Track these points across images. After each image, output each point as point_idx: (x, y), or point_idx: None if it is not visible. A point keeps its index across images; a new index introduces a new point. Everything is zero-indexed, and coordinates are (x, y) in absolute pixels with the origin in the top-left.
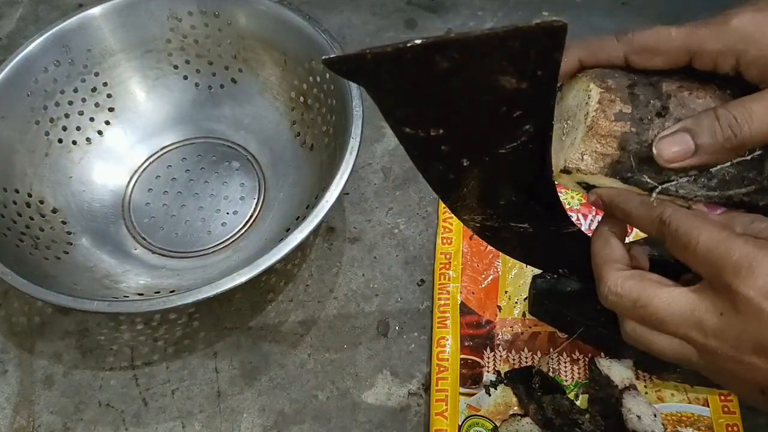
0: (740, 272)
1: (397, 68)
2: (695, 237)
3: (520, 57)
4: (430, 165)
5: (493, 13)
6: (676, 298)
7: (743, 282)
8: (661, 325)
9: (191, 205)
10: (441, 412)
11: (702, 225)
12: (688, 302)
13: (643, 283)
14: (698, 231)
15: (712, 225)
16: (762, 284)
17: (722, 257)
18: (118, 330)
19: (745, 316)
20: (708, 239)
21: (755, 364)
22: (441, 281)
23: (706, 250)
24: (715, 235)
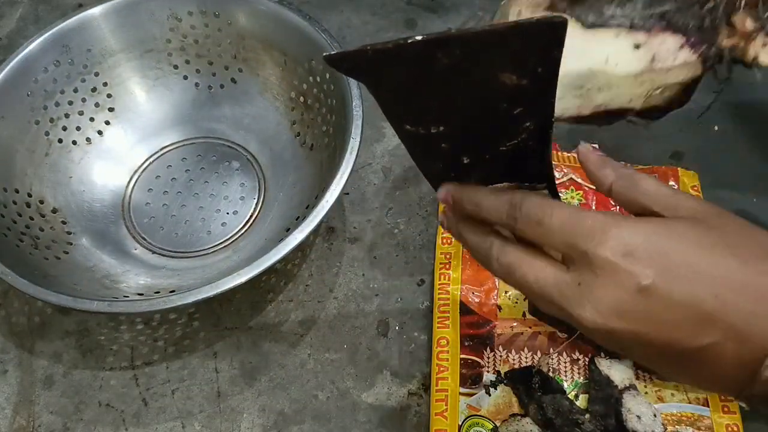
0: (594, 237)
1: (398, 64)
2: (548, 213)
3: (520, 53)
4: (430, 163)
5: (493, 13)
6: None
7: (597, 245)
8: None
9: (191, 205)
10: (441, 412)
11: (553, 204)
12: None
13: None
14: (550, 209)
15: (563, 204)
16: (613, 244)
17: (576, 227)
18: (118, 330)
19: (601, 278)
20: (561, 214)
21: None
22: (441, 281)
23: (560, 223)
24: (567, 209)
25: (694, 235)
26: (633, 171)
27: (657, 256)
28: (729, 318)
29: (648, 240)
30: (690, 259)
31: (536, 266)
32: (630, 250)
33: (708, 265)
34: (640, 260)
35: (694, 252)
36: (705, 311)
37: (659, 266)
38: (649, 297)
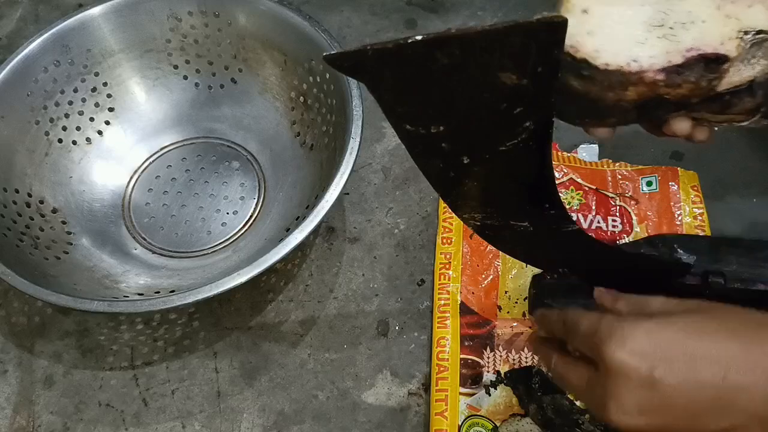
0: (604, 340)
1: (398, 64)
2: (578, 324)
3: (520, 53)
4: (430, 162)
5: (493, 13)
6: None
7: (609, 346)
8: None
9: (191, 205)
10: (441, 412)
11: (583, 313)
12: (584, 380)
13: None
14: (579, 318)
15: (593, 314)
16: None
17: (594, 332)
18: (118, 330)
19: (618, 377)
20: (585, 323)
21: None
22: (441, 281)
23: (584, 332)
24: (592, 317)
25: (694, 325)
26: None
27: (664, 350)
28: (741, 400)
29: (653, 337)
30: (692, 348)
31: (577, 373)
32: (639, 349)
33: (711, 350)
34: (649, 357)
35: (696, 340)
36: (716, 395)
37: (663, 358)
38: (662, 389)
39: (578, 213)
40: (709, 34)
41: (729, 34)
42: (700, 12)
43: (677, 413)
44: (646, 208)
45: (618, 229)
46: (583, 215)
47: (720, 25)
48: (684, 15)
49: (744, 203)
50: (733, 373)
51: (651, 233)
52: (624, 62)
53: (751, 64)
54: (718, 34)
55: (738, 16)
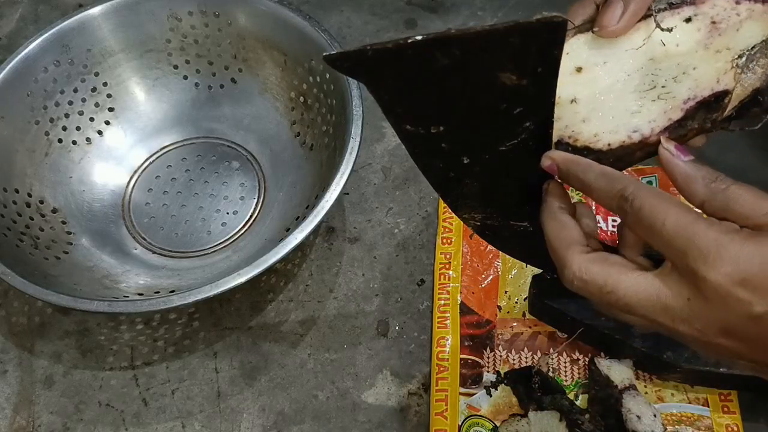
0: (707, 258)
1: (398, 64)
2: (660, 219)
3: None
4: (430, 163)
5: (493, 13)
6: (642, 284)
7: (710, 268)
8: (630, 311)
9: (191, 205)
10: (441, 412)
11: (667, 206)
12: (654, 288)
13: (609, 268)
14: (664, 213)
15: (678, 207)
16: (728, 270)
17: (689, 242)
18: (118, 330)
19: (712, 302)
20: (674, 223)
21: (723, 344)
22: (441, 281)
23: (672, 233)
24: (682, 218)
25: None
26: (727, 186)
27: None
28: None
29: (764, 268)
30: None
31: (635, 278)
32: (744, 278)
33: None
34: (755, 289)
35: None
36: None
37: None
38: (761, 325)
39: None
40: (704, 78)
41: (723, 68)
42: (689, 60)
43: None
44: None
45: None
46: None
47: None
48: (674, 69)
49: None
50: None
51: None
52: (625, 136)
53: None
54: (712, 73)
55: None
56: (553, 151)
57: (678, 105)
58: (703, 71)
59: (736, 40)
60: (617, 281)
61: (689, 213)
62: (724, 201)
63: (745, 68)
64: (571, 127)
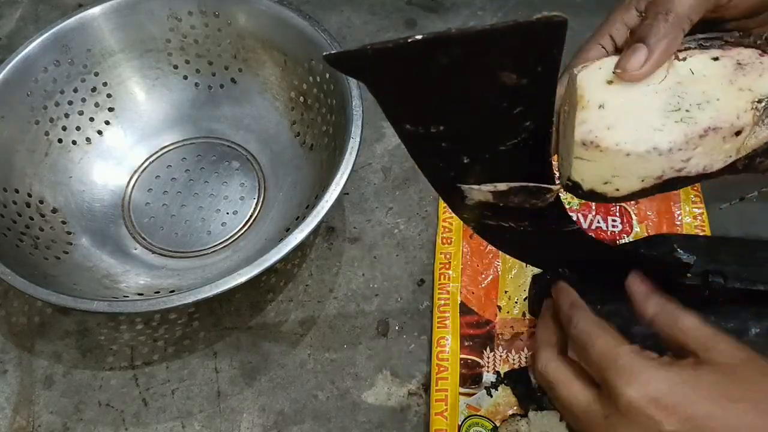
0: (625, 377)
1: (398, 64)
2: (591, 341)
3: (520, 52)
4: (430, 162)
5: (493, 13)
6: (577, 396)
7: (627, 386)
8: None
9: (191, 205)
10: (441, 412)
11: (600, 332)
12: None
13: (558, 373)
14: (595, 337)
15: (609, 334)
16: (642, 390)
17: (611, 362)
18: (118, 330)
19: (626, 417)
20: (602, 345)
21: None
22: (441, 281)
23: (598, 353)
24: (610, 342)
25: (721, 388)
26: (675, 307)
27: (681, 406)
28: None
29: (674, 389)
30: (713, 413)
31: (573, 388)
32: (656, 397)
33: (730, 419)
34: (664, 408)
35: (719, 405)
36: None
37: (682, 416)
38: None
39: (578, 213)
40: (725, 111)
41: (744, 107)
42: (713, 91)
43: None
44: (646, 208)
45: (618, 229)
46: (583, 215)
47: (734, 100)
48: (699, 95)
49: (744, 203)
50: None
51: (651, 233)
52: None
53: (766, 124)
54: (733, 108)
55: (750, 87)
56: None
57: (698, 131)
58: (725, 104)
59: (757, 83)
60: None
61: (617, 339)
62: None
63: (764, 116)
64: (595, 132)
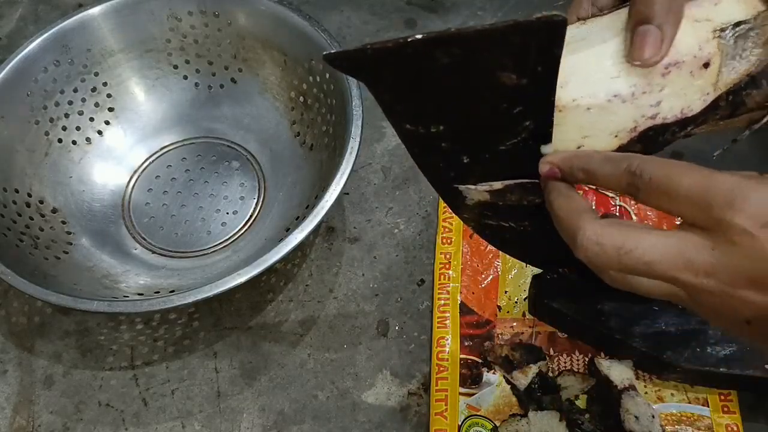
0: (733, 204)
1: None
2: (676, 181)
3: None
4: (430, 162)
5: (493, 13)
6: (662, 240)
7: (737, 213)
8: (649, 270)
9: (191, 205)
10: (441, 412)
11: (680, 168)
12: (675, 243)
13: (626, 228)
14: (678, 174)
15: (689, 166)
16: (755, 213)
17: (710, 193)
18: (118, 330)
19: (740, 247)
20: (692, 180)
21: (747, 297)
22: (441, 281)
23: (691, 190)
24: (697, 174)
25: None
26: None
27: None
28: None
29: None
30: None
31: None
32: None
33: None
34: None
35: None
36: None
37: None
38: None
39: None
40: (683, 44)
41: (705, 37)
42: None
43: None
44: (646, 208)
45: None
46: None
47: (690, 31)
48: None
49: None
50: None
51: None
52: (604, 100)
53: (744, 57)
54: (692, 40)
55: (708, 17)
56: (548, 155)
57: (659, 69)
58: (681, 37)
59: (715, 12)
60: (637, 239)
61: (703, 169)
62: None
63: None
64: None
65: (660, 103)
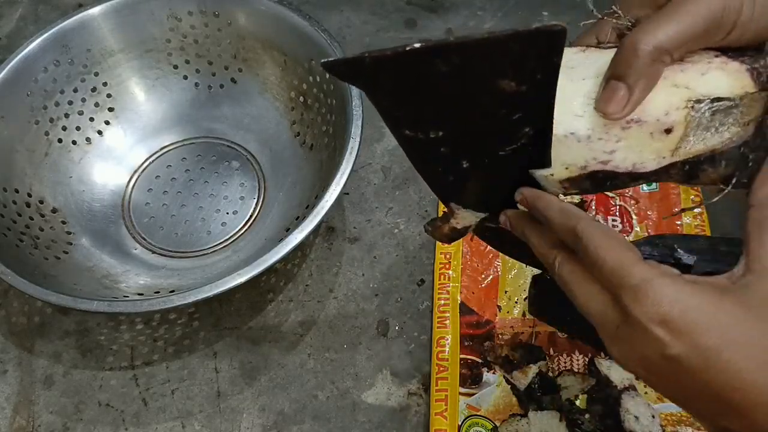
0: (637, 296)
1: (396, 72)
2: (602, 256)
3: (519, 61)
4: (429, 167)
5: (493, 13)
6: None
7: (638, 305)
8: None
9: (191, 205)
10: (441, 412)
11: (611, 245)
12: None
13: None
14: (607, 250)
15: (621, 247)
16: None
17: (624, 279)
18: (118, 330)
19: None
20: (615, 260)
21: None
22: (441, 281)
23: (612, 270)
24: (622, 256)
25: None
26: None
27: (690, 333)
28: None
29: (686, 313)
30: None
31: (586, 291)
32: (665, 319)
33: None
34: (672, 331)
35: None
36: (725, 400)
37: (690, 343)
38: (674, 366)
39: None
40: (652, 104)
41: (676, 104)
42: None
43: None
44: (646, 208)
45: (618, 229)
46: None
47: (665, 95)
48: None
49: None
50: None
51: (651, 233)
52: (561, 135)
53: (718, 132)
54: (663, 103)
55: (688, 85)
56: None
57: (620, 122)
58: (653, 97)
59: (698, 82)
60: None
61: (630, 252)
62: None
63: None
64: None
65: (614, 152)
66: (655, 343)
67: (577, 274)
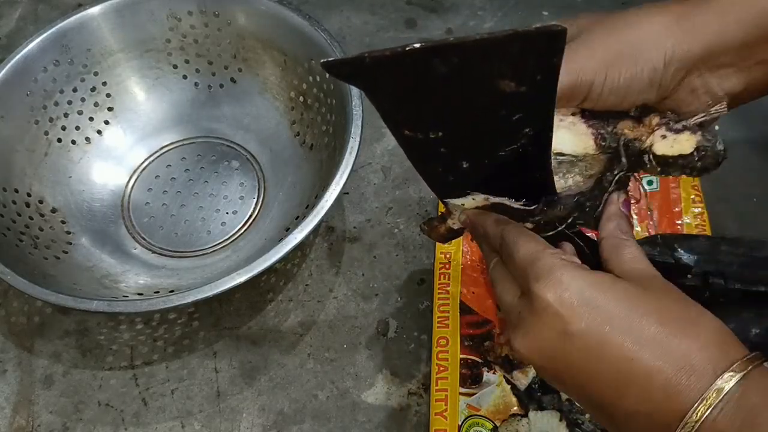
0: (540, 278)
1: (396, 72)
2: (515, 249)
3: (519, 61)
4: (429, 167)
5: (493, 13)
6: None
7: (542, 285)
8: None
9: (191, 204)
10: (441, 412)
11: (524, 239)
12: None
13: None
14: (519, 243)
15: (534, 241)
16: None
17: (533, 266)
18: (118, 330)
19: (535, 315)
20: (526, 252)
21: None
22: (441, 281)
23: (522, 260)
24: (532, 247)
25: (631, 297)
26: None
27: (589, 309)
28: (642, 382)
29: (584, 291)
30: (621, 321)
31: (503, 287)
32: (566, 297)
33: (634, 329)
34: (571, 307)
35: (626, 314)
36: (624, 372)
37: (588, 318)
38: (571, 343)
39: None
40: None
41: None
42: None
43: (575, 370)
44: (647, 208)
45: None
46: None
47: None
48: None
49: (744, 203)
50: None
51: (651, 233)
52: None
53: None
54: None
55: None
56: (468, 210)
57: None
58: None
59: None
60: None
61: (539, 244)
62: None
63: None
64: None
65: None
66: (555, 319)
67: (501, 272)
